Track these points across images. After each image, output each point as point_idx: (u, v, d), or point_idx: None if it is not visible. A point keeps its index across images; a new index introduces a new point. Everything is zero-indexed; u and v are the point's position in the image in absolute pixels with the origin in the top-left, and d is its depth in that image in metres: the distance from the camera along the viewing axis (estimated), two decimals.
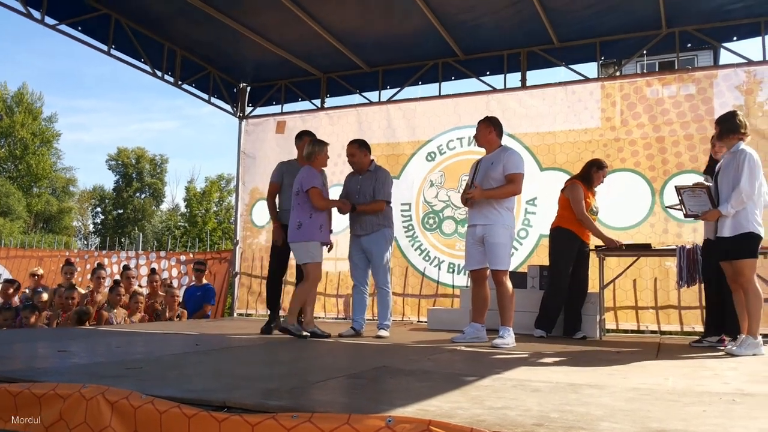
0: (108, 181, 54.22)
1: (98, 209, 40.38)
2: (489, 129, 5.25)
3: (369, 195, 5.66)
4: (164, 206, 40.21)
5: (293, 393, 2.57)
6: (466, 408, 2.25)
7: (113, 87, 60.06)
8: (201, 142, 61.69)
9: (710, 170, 5.18)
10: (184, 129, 61.84)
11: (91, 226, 40.64)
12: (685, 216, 4.96)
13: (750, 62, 6.74)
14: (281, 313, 6.17)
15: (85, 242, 38.09)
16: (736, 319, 4.79)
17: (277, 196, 5.98)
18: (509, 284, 5.03)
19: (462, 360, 4.11)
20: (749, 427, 2.05)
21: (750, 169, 4.43)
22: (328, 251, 5.63)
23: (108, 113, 59.02)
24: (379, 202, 5.57)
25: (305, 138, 5.91)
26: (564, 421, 2.05)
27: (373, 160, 5.80)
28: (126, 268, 9.13)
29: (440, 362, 3.90)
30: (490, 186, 5.03)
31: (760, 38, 6.73)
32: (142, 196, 38.80)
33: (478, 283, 5.19)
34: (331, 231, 5.60)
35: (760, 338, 4.47)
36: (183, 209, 34.60)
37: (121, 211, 37.95)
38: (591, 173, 6.07)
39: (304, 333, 5.27)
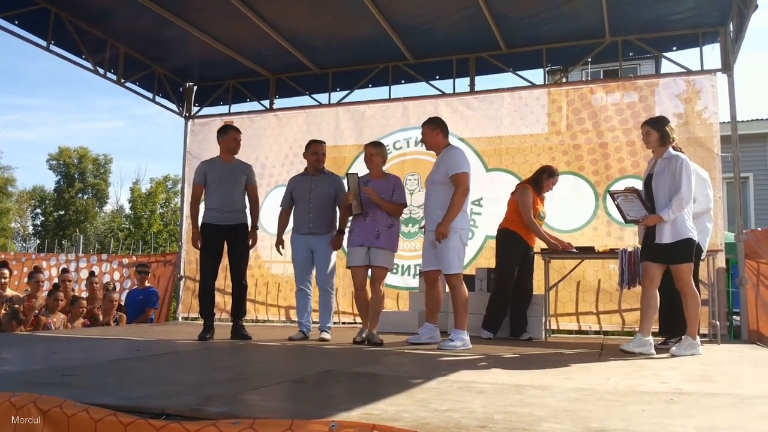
0: (49, 181, 52.18)
1: (38, 210, 38.90)
2: (436, 131, 5.20)
3: (325, 196, 5.62)
4: (108, 207, 39.04)
5: (235, 399, 2.52)
6: (411, 411, 2.24)
7: (55, 84, 58.00)
8: (147, 143, 60.15)
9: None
10: (129, 129, 60.10)
11: (31, 227, 39.11)
12: (626, 222, 5.07)
13: (689, 72, 6.97)
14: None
15: (24, 244, 36.66)
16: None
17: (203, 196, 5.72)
18: (464, 288, 5.03)
19: (409, 362, 4.11)
20: (686, 425, 2.10)
21: (687, 175, 4.58)
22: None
23: (50, 111, 56.95)
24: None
25: (231, 132, 5.74)
26: (507, 423, 2.07)
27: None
28: (65, 271, 8.81)
29: (387, 365, 3.89)
30: (434, 189, 5.10)
31: (698, 49, 6.98)
32: (85, 197, 37.53)
33: (430, 284, 5.21)
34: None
35: (698, 339, 4.63)
36: (127, 211, 33.65)
37: (62, 213, 36.63)
38: (542, 179, 6.15)
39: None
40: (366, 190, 5.18)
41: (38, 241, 33.91)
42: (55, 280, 8.68)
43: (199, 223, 5.67)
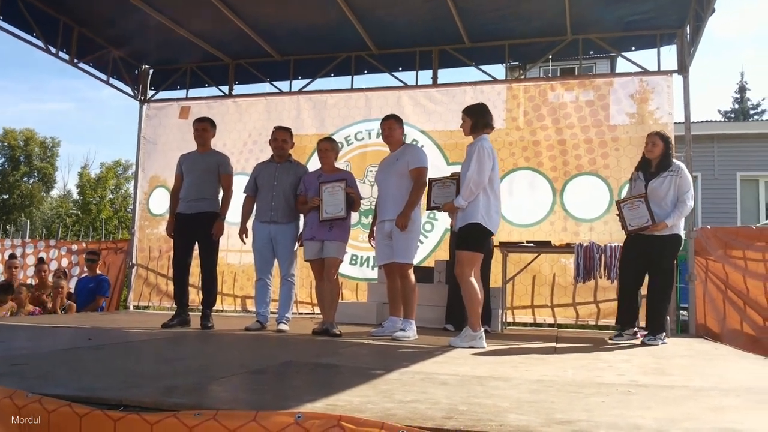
0: None
1: None
2: (401, 128, 5.38)
3: (289, 185, 5.56)
4: (54, 192, 37.83)
5: (195, 390, 2.46)
6: (376, 402, 2.22)
7: (0, 63, 55.70)
8: (98, 126, 58.20)
9: (641, 167, 5.35)
10: (79, 111, 58.08)
11: None
12: (428, 208, 5.14)
13: (646, 71, 7.11)
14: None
15: None
16: (655, 313, 5.00)
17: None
18: (413, 278, 5.11)
19: (369, 354, 4.10)
20: (645, 416, 2.14)
21: (479, 159, 4.45)
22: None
23: None
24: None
25: (193, 125, 5.89)
26: (472, 414, 2.07)
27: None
28: (11, 257, 8.50)
29: (347, 356, 3.87)
30: (393, 181, 5.15)
31: (655, 50, 7.12)
32: (31, 180, 36.31)
33: (391, 277, 5.24)
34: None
35: (480, 331, 4.49)
36: (75, 196, 32.70)
37: (6, 197, 35.34)
38: None
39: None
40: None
41: None
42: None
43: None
